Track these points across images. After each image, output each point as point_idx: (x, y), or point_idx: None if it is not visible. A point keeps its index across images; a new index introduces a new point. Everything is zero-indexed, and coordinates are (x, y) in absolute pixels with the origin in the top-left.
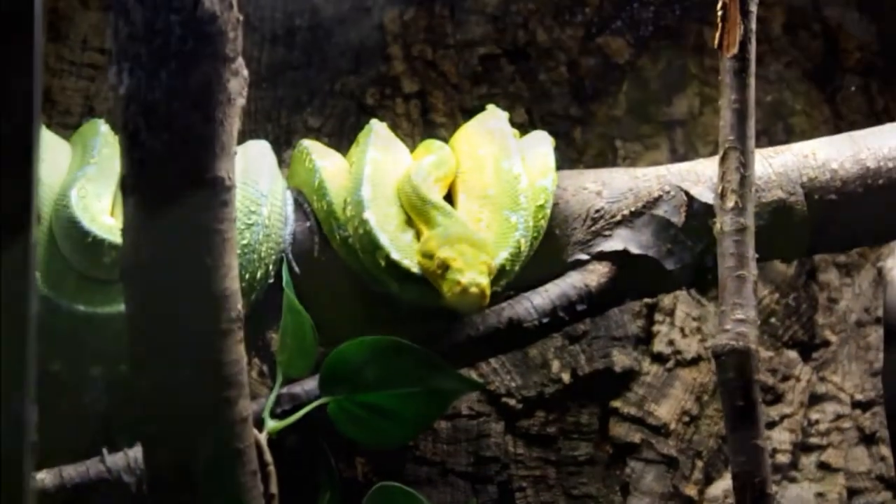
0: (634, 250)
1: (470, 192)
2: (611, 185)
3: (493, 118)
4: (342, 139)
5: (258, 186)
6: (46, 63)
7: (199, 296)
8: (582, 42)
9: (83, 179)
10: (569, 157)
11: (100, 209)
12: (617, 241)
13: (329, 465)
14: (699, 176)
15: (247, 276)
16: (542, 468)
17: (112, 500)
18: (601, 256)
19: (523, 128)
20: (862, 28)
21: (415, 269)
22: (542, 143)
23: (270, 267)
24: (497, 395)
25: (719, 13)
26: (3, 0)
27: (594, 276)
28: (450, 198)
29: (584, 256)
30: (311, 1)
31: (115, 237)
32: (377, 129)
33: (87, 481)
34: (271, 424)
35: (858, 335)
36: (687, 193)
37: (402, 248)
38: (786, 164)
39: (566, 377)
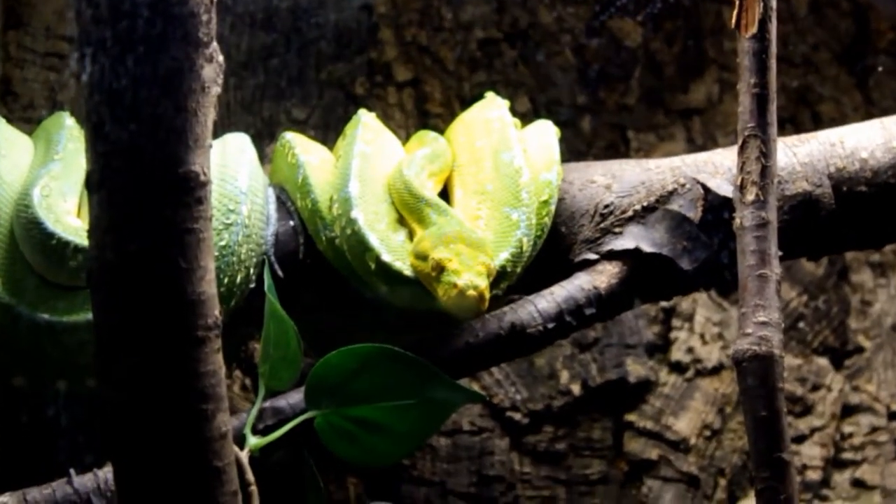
0: (647, 249)
1: (467, 187)
2: (621, 179)
3: (493, 107)
4: (329, 132)
5: (237, 183)
6: (6, 52)
7: (173, 301)
8: (588, 23)
9: (47, 177)
10: (576, 149)
11: (65, 209)
12: (628, 239)
13: (317, 485)
14: (717, 167)
15: (225, 280)
16: (550, 488)
17: None
18: (611, 256)
19: (526, 117)
20: (894, 5)
21: (407, 272)
22: (545, 134)
23: (251, 270)
24: (501, 409)
25: None
26: None
27: (604, 277)
28: (445, 194)
29: (593, 256)
30: None
31: (82, 239)
32: (366, 121)
33: None
34: (253, 441)
35: (894, 340)
36: (704, 186)
37: (393, 249)
38: (811, 153)
39: (576, 389)
